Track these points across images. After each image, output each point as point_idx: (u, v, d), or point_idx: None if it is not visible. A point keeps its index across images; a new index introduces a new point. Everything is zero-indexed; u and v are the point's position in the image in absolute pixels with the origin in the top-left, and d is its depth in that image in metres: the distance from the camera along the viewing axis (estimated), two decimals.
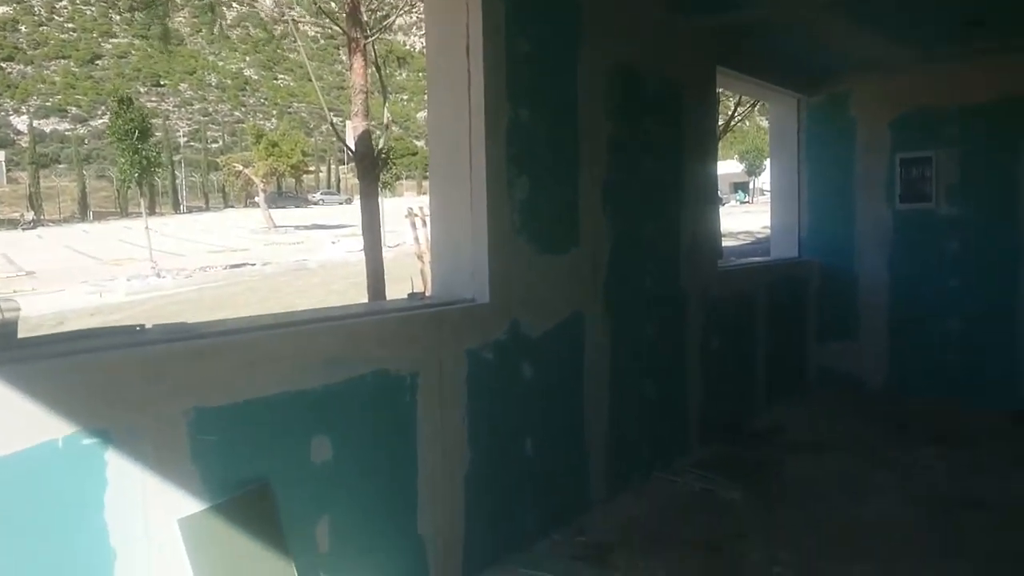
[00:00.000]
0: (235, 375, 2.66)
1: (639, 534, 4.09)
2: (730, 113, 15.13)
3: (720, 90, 7.45)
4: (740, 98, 15.80)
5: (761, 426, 6.10)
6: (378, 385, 3.12)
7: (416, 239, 13.27)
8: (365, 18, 11.09)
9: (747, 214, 37.14)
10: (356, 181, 12.40)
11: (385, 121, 12.18)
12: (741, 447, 5.57)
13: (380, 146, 11.43)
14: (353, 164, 12.09)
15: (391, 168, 44.85)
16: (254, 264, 27.80)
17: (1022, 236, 6.38)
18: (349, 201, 66.18)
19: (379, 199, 11.77)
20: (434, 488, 3.37)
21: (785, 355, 6.94)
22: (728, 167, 59.12)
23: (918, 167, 6.83)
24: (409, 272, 13.16)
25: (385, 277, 11.47)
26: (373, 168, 10.94)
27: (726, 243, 20.11)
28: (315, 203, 71.68)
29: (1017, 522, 4.18)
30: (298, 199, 70.50)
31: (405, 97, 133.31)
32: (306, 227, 45.87)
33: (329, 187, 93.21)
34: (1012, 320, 6.46)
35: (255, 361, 2.72)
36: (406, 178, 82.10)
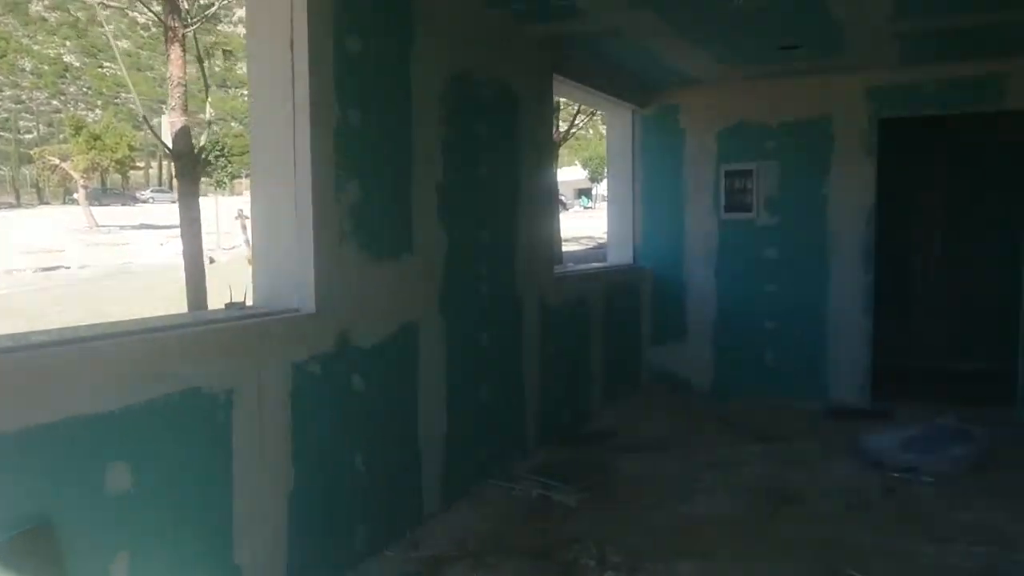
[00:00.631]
0: (15, 399, 2.34)
1: (474, 545, 4.02)
2: (572, 120, 15.48)
3: (560, 99, 7.58)
4: (580, 106, 16.24)
5: (598, 428, 6.23)
6: (187, 405, 2.86)
7: (247, 242, 12.64)
8: (186, 5, 10.42)
9: (591, 219, 38.41)
10: None
11: (208, 117, 11.51)
12: (578, 450, 5.65)
13: (202, 143, 10.77)
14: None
15: (227, 166, 42.70)
16: (69, 267, 25.60)
17: (829, 245, 6.91)
18: None
19: (199, 200, 11.07)
20: (253, 512, 3.13)
21: (621, 359, 7.15)
22: (572, 173, 60.89)
23: (741, 179, 7.24)
24: (245, 278, 12.51)
25: (215, 283, 10.82)
26: (193, 167, 10.29)
27: (569, 247, 20.66)
28: (144, 201, 67.06)
29: (825, 513, 4.48)
30: (125, 197, 65.71)
31: (245, 92, 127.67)
32: (133, 227, 42.76)
33: (160, 184, 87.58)
34: (822, 322, 6.98)
35: (39, 382, 2.40)
36: (245, 176, 78.59)
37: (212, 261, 20.00)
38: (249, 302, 3.71)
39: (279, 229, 3.48)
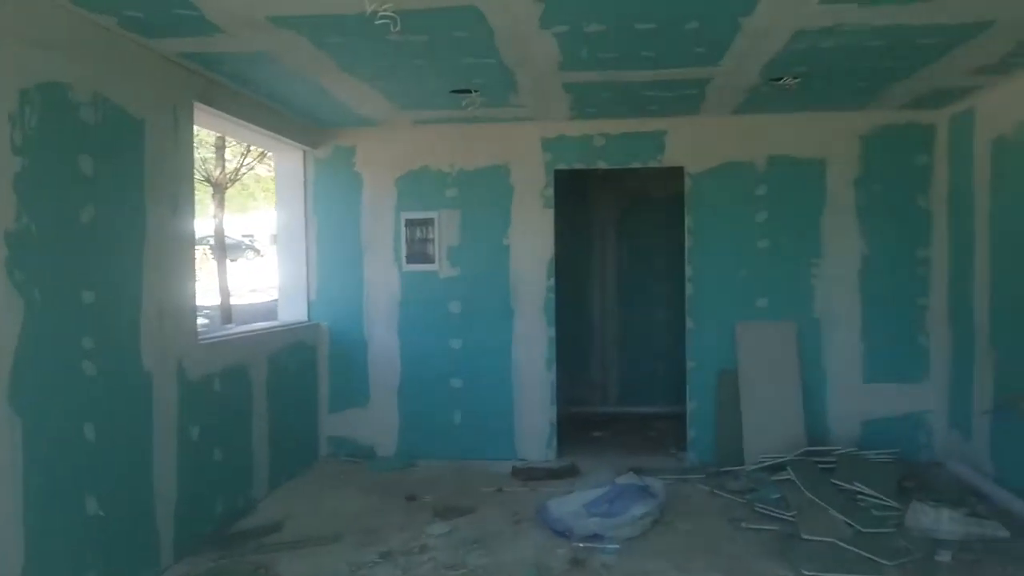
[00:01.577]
0: None
1: None
2: (243, 157, 14.23)
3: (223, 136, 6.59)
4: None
5: (261, 521, 5.27)
6: None
7: None
8: None
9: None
10: None
11: None
12: (230, 554, 4.66)
13: None
14: None
15: None
16: None
17: (512, 297, 6.69)
18: None
19: None
20: None
21: (293, 432, 6.26)
22: (269, 216, 58.16)
23: (422, 228, 6.79)
24: None
25: None
26: None
27: (258, 299, 19.12)
28: None
29: None
30: None
31: None
32: None
33: None
34: (508, 377, 6.71)
35: None
36: None
37: None
38: None
39: None
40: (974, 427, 5.84)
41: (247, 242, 28.06)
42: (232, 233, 25.68)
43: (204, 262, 17.83)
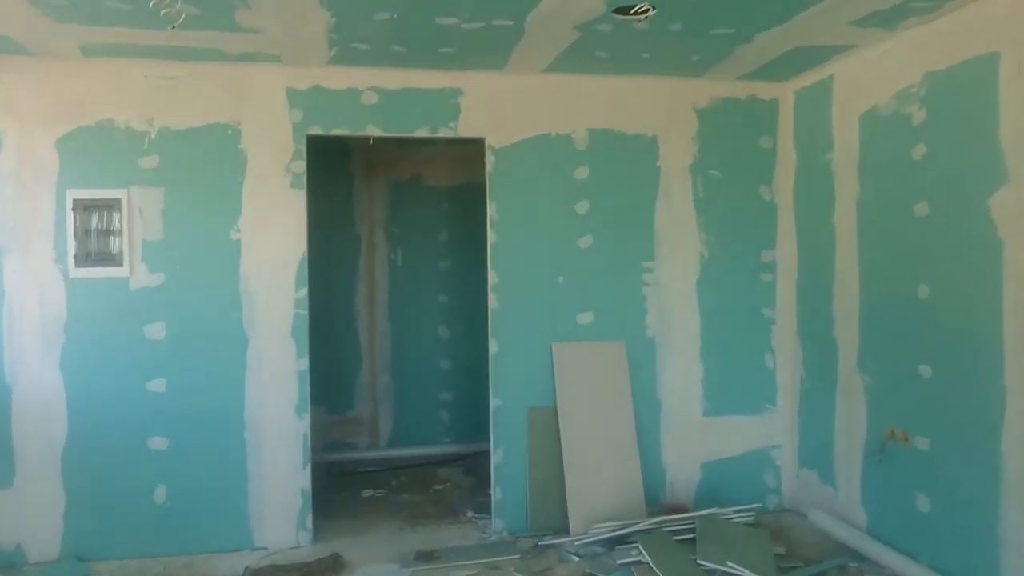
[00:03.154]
0: None
1: None
2: None
3: None
4: None
5: None
6: None
7: None
8: None
9: None
10: None
11: None
12: None
13: None
14: None
15: None
16: None
17: (245, 315, 4.64)
18: None
19: None
20: None
21: None
22: None
23: (102, 214, 4.52)
24: None
25: None
26: None
27: None
28: None
29: None
30: None
31: None
32: None
33: None
34: (240, 432, 4.64)
35: None
36: None
37: None
38: None
39: None
40: (837, 468, 4.78)
41: None
42: None
43: None
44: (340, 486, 5.94)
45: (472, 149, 5.24)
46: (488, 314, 4.97)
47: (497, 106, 4.92)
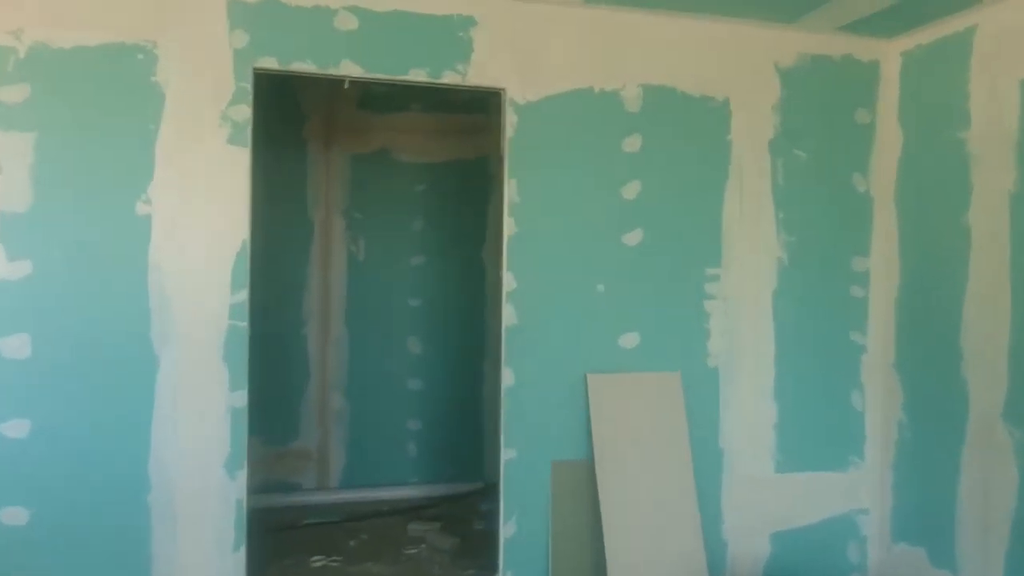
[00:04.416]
0: None
1: None
2: None
3: None
4: None
5: None
6: None
7: None
8: None
9: None
10: None
11: None
12: None
13: None
14: None
15: None
16: None
17: (154, 326, 3.18)
18: None
19: None
20: None
21: None
22: None
23: None
24: None
25: None
26: None
27: None
28: None
29: None
30: None
31: None
32: None
33: None
34: (141, 496, 3.17)
35: None
36: None
37: None
38: None
39: None
40: (960, 546, 3.59)
41: None
42: None
43: None
44: (281, 548, 4.49)
45: (462, 119, 3.97)
46: (500, 332, 3.61)
47: (523, 45, 3.58)
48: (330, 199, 5.56)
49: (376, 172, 5.60)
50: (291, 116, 5.36)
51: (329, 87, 5.14)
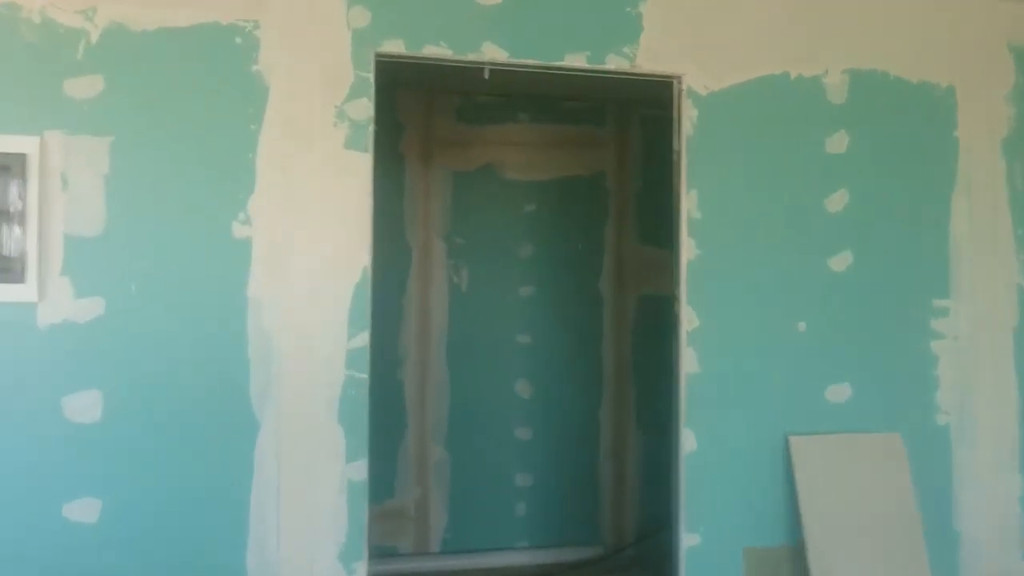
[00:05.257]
0: None
1: None
2: None
3: None
4: None
5: None
6: None
7: None
8: None
9: None
10: None
11: None
12: None
13: None
14: None
15: None
16: None
17: (257, 388, 2.50)
18: None
19: None
20: None
21: None
22: None
23: None
24: None
25: None
26: None
27: None
28: None
29: None
30: None
31: None
32: None
33: None
34: None
35: None
36: None
37: None
38: None
39: None
40: None
41: None
42: None
43: None
44: None
45: (574, 130, 3.21)
46: (676, 386, 2.85)
47: (701, 22, 2.86)
48: (430, 222, 4.88)
49: (481, 191, 4.90)
50: (387, 126, 4.72)
51: (427, 95, 4.51)
